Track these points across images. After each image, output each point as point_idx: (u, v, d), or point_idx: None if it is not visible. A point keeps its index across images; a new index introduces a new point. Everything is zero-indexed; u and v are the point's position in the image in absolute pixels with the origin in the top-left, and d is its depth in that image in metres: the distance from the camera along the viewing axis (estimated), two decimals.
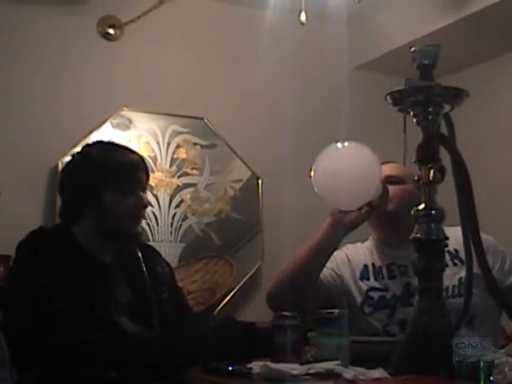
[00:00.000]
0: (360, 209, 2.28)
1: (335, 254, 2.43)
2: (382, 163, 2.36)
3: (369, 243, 2.56)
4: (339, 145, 2.22)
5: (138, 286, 2.18)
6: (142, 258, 2.24)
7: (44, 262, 2.02)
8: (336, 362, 1.67)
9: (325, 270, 2.42)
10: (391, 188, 2.36)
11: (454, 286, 2.31)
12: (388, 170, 2.44)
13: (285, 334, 1.84)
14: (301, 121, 4.05)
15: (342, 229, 2.31)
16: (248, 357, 1.82)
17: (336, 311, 1.81)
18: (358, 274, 2.47)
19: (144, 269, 2.23)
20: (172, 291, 2.28)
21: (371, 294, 2.42)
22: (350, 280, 2.46)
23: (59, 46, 3.76)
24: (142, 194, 2.17)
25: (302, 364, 1.71)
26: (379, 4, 3.92)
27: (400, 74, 3.35)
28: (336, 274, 2.47)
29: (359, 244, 2.57)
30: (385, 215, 2.39)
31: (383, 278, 2.44)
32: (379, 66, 4.30)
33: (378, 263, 2.48)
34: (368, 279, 2.45)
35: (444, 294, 2.05)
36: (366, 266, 2.48)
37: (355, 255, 2.52)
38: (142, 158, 2.24)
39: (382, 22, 4.11)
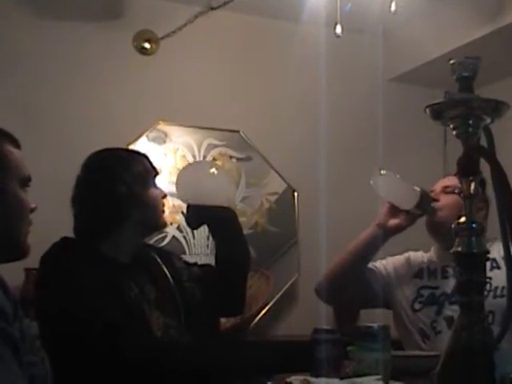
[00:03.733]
0: (404, 216, 2.53)
1: (396, 257, 2.75)
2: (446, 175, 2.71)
3: (431, 249, 2.75)
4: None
5: (161, 282, 2.20)
6: (158, 258, 2.27)
7: (73, 272, 2.02)
8: (377, 377, 1.66)
9: (381, 262, 2.73)
10: (445, 197, 2.59)
11: (503, 288, 2.41)
12: (446, 180, 2.67)
13: (324, 348, 1.83)
14: (336, 133, 4.05)
15: (384, 232, 2.56)
16: (287, 370, 1.82)
17: (376, 325, 1.80)
18: (413, 273, 2.68)
19: (163, 266, 2.25)
20: (194, 280, 2.30)
21: (422, 291, 2.62)
22: (406, 277, 2.68)
23: (95, 61, 3.80)
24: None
25: (341, 378, 1.70)
26: (414, 16, 3.90)
27: (435, 85, 3.35)
28: (387, 269, 2.72)
29: (421, 252, 2.78)
30: (434, 223, 2.61)
31: (436, 278, 2.64)
32: (414, 77, 4.28)
33: (434, 265, 2.67)
34: (422, 278, 2.66)
35: (492, 293, 2.41)
36: (422, 268, 2.68)
37: (415, 257, 2.74)
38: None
39: (416, 33, 4.09)
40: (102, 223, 2.16)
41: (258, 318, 3.85)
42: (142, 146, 3.72)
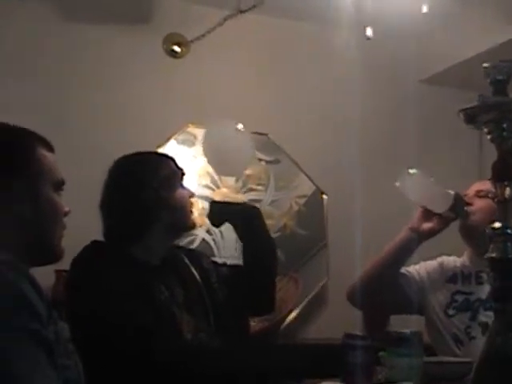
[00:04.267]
0: (438, 219, 2.51)
1: (428, 261, 2.73)
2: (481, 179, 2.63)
3: (464, 254, 2.73)
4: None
5: (190, 284, 2.21)
6: (187, 259, 2.28)
7: (104, 275, 2.03)
8: (409, 383, 1.64)
9: (414, 267, 2.70)
10: (479, 202, 2.57)
11: None
12: (478, 184, 2.63)
13: (355, 353, 1.81)
14: (365, 134, 4.02)
15: (418, 236, 2.53)
16: (317, 375, 1.81)
17: (408, 331, 1.79)
18: (447, 278, 2.65)
19: (192, 268, 2.25)
20: (223, 281, 2.30)
21: (456, 297, 2.60)
22: (439, 282, 2.66)
23: (125, 63, 3.81)
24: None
25: None
26: (445, 17, 3.87)
27: (467, 87, 3.31)
28: (420, 274, 2.69)
29: (454, 256, 2.75)
30: (467, 227, 2.59)
31: (470, 283, 2.62)
32: (446, 78, 4.25)
33: (467, 270, 2.65)
34: (456, 283, 2.64)
35: None
36: (455, 272, 2.66)
37: (448, 262, 2.73)
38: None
39: (447, 35, 4.06)
40: (131, 228, 2.16)
41: (287, 322, 3.84)
42: (171, 148, 3.73)
